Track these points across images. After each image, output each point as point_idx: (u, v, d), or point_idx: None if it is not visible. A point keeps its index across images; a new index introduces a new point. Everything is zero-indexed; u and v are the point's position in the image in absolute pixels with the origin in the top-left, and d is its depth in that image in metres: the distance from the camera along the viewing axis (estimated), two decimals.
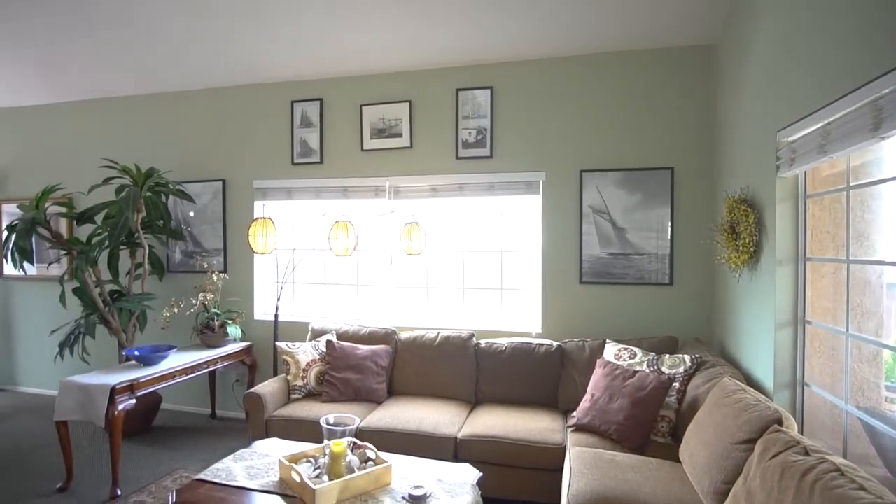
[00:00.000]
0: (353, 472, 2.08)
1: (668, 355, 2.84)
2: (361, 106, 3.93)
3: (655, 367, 2.77)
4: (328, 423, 2.25)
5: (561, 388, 3.24)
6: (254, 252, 3.79)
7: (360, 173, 3.97)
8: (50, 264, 4.76)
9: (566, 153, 3.58)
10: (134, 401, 3.04)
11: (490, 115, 3.69)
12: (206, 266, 4.22)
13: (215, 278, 3.94)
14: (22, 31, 3.78)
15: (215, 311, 3.87)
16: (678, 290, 3.40)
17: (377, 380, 3.36)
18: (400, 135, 3.86)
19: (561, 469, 2.56)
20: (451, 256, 3.92)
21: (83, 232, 4.40)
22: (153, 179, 3.88)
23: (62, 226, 4.62)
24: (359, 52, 3.69)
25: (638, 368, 2.79)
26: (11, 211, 4.91)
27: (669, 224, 3.39)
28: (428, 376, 3.42)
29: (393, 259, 3.97)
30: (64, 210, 4.17)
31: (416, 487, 2.02)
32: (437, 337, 3.51)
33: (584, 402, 2.80)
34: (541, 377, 3.25)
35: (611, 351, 3.04)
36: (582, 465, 2.22)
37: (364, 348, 3.46)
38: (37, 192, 3.80)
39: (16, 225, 3.66)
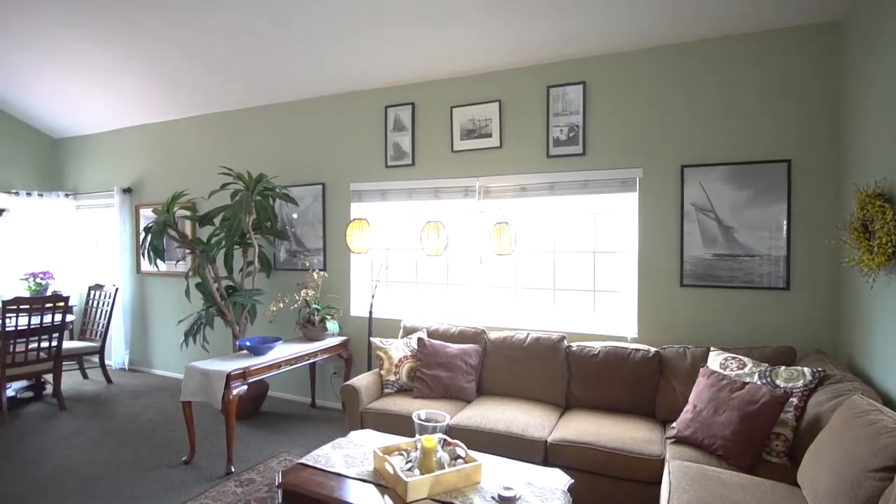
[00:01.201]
0: (443, 468, 2.12)
1: (783, 367, 2.58)
2: (452, 108, 3.99)
3: (768, 380, 2.53)
4: (420, 419, 2.31)
5: (659, 396, 3.06)
6: (351, 251, 3.99)
7: (451, 174, 4.03)
8: (177, 262, 5.35)
9: (665, 148, 3.37)
10: (246, 387, 3.33)
11: (582, 111, 3.57)
12: (307, 264, 4.52)
13: (316, 276, 4.20)
14: (153, 56, 4.30)
15: (316, 306, 4.12)
16: (796, 296, 3.08)
17: (467, 378, 3.39)
18: (490, 135, 3.86)
19: (658, 482, 2.43)
20: (541, 257, 3.86)
21: (204, 233, 4.89)
22: (262, 184, 4.22)
23: (187, 227, 5.17)
24: (448, 55, 3.75)
25: (748, 380, 2.56)
26: (147, 215, 5.58)
27: (785, 222, 3.08)
28: (517, 377, 3.39)
29: (482, 259, 3.98)
30: (188, 213, 4.66)
31: (506, 489, 2.01)
32: (526, 338, 3.47)
33: (686, 414, 2.62)
34: (637, 384, 3.10)
35: (716, 360, 2.82)
36: (683, 479, 2.08)
37: (454, 347, 3.50)
38: (167, 198, 4.28)
39: (150, 227, 4.15)
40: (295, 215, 4.71)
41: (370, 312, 4.05)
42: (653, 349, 3.17)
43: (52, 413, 4.33)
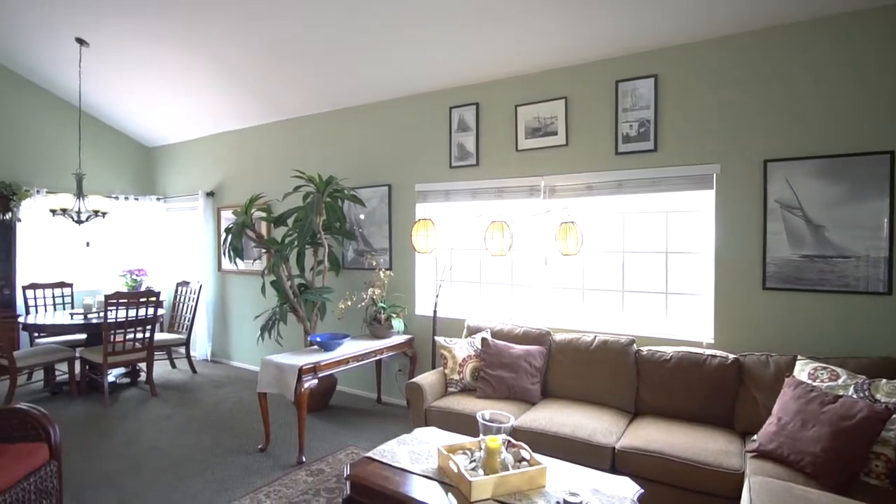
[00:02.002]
0: (507, 469, 2.10)
1: (884, 380, 2.35)
2: (516, 106, 3.95)
3: (866, 394, 2.31)
4: (484, 419, 2.31)
5: (738, 406, 2.88)
6: (416, 251, 4.05)
7: (515, 174, 4.00)
8: (254, 260, 5.66)
9: (746, 141, 3.16)
10: (316, 381, 3.47)
11: (654, 105, 3.43)
12: (374, 264, 4.64)
13: (382, 275, 4.30)
14: (232, 69, 4.58)
15: (382, 304, 4.23)
16: None
17: (531, 380, 3.35)
18: (555, 133, 3.79)
19: (735, 498, 2.28)
20: (609, 257, 3.74)
21: (278, 233, 5.15)
22: (332, 186, 4.38)
23: (262, 228, 5.46)
24: (513, 54, 3.72)
25: (842, 393, 2.35)
26: (227, 216, 5.95)
27: (887, 220, 2.79)
28: (583, 380, 3.31)
29: (548, 259, 3.92)
30: (264, 215, 4.92)
31: (572, 494, 1.96)
32: (593, 341, 3.38)
33: (769, 426, 2.45)
34: (713, 392, 2.93)
35: (804, 369, 2.61)
36: (766, 497, 1.94)
37: (518, 348, 3.47)
38: (245, 201, 4.54)
39: (231, 228, 4.42)
40: (362, 216, 4.86)
41: (434, 311, 4.10)
42: (731, 356, 2.98)
43: (145, 398, 4.72)
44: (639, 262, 3.64)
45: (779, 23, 3.04)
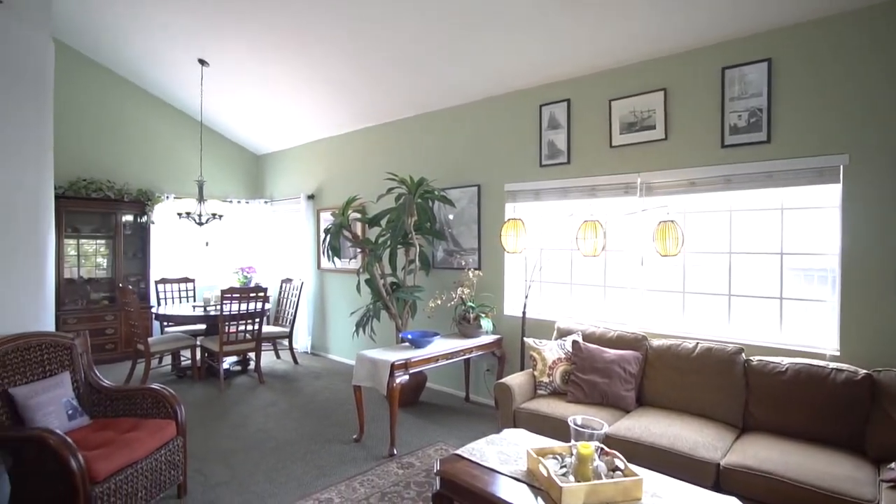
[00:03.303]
0: (599, 477, 2.03)
1: None
2: (610, 101, 3.79)
3: None
4: (576, 424, 2.25)
5: (869, 428, 2.54)
6: (505, 251, 4.03)
7: (609, 171, 3.84)
8: (350, 259, 5.96)
9: (880, 128, 2.78)
10: (407, 377, 3.57)
11: (767, 92, 3.13)
12: (463, 263, 4.68)
13: (471, 275, 4.33)
14: (331, 80, 4.85)
15: (471, 304, 4.26)
16: None
17: (625, 387, 3.20)
18: (653, 127, 3.59)
19: None
20: (713, 258, 3.48)
21: (372, 234, 5.37)
22: (423, 188, 4.48)
23: (357, 228, 5.72)
24: (605, 46, 3.58)
25: None
26: (326, 217, 6.32)
27: None
28: (683, 390, 3.10)
29: (644, 260, 3.72)
30: (360, 216, 5.15)
31: None
32: (695, 348, 3.15)
33: None
34: (838, 411, 2.61)
35: None
36: None
37: (611, 352, 3.33)
38: (342, 203, 4.79)
39: (329, 228, 4.68)
40: (451, 216, 4.92)
41: (523, 312, 4.05)
42: (861, 371, 2.65)
43: (253, 385, 5.14)
44: (748, 264, 3.34)
45: None
